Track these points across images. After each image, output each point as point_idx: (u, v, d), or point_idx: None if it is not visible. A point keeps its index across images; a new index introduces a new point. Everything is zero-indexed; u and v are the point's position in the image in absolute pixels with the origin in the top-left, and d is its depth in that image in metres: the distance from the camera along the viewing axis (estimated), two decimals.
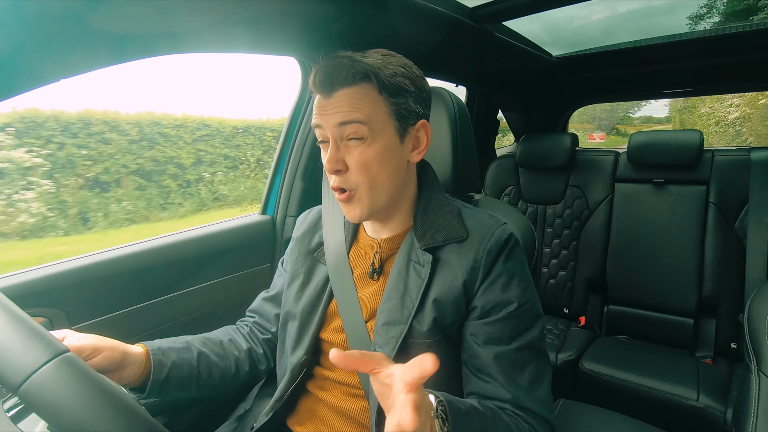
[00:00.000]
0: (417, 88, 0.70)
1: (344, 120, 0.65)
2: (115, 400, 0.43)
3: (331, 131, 0.66)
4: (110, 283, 0.96)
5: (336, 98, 0.66)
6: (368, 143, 0.66)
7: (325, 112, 0.66)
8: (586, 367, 1.55)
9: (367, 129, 0.65)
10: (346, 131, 0.65)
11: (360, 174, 0.66)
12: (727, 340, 1.60)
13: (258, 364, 0.86)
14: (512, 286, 0.67)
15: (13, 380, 0.42)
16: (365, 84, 0.66)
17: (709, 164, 1.70)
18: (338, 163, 0.66)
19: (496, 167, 2.14)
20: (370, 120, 0.65)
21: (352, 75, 0.64)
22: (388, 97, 0.67)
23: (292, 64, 1.23)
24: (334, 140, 0.66)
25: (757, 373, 0.68)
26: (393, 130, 0.68)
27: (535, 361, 0.65)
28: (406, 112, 0.69)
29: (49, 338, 0.46)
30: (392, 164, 0.69)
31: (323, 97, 0.67)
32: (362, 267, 0.77)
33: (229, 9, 0.82)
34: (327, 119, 0.66)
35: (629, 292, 1.80)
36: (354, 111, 0.65)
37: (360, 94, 0.65)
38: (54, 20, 0.62)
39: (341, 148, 0.67)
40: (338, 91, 0.65)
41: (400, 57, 0.71)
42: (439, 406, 0.52)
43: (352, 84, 0.65)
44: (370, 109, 0.65)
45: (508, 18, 1.36)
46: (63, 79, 0.69)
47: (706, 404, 1.31)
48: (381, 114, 0.66)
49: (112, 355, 0.63)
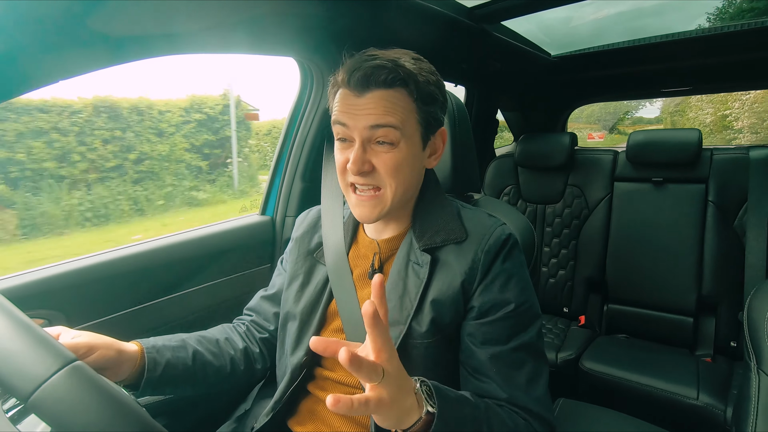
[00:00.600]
0: (443, 98, 0.71)
1: (378, 123, 0.64)
2: (124, 409, 0.44)
3: (359, 132, 0.65)
4: (110, 285, 0.95)
5: (369, 98, 0.64)
6: (398, 148, 0.65)
7: (354, 111, 0.65)
8: (586, 367, 1.55)
9: (399, 134, 0.65)
10: (377, 134, 0.65)
11: (390, 177, 0.66)
12: (727, 338, 1.60)
13: (254, 363, 0.86)
14: (510, 287, 0.67)
15: (23, 390, 0.42)
16: (401, 89, 0.65)
17: (708, 163, 1.70)
18: (365, 164, 0.65)
19: (495, 167, 2.14)
20: (402, 125, 0.65)
21: (392, 79, 0.64)
22: (421, 105, 0.67)
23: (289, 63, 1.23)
24: (361, 142, 0.65)
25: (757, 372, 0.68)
26: (419, 136, 0.68)
27: (532, 361, 0.65)
28: (433, 120, 0.69)
29: (57, 347, 0.46)
30: (417, 169, 0.70)
31: (354, 95, 0.65)
32: (362, 267, 0.77)
33: (228, 10, 0.82)
34: (357, 120, 0.65)
35: (629, 291, 1.80)
36: (388, 115, 0.64)
37: (395, 98, 0.65)
38: (53, 22, 0.62)
39: (368, 149, 0.66)
40: (372, 91, 0.64)
41: (427, 62, 0.71)
42: (423, 386, 0.54)
43: (388, 87, 0.64)
44: (403, 114, 0.65)
45: (507, 18, 1.36)
46: (62, 81, 0.69)
47: (706, 403, 1.31)
48: (412, 120, 0.67)
49: (107, 353, 0.63)
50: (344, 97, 0.67)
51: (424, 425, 0.52)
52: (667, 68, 1.97)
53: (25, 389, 0.42)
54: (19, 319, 0.48)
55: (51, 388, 0.42)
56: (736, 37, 1.58)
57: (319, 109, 1.25)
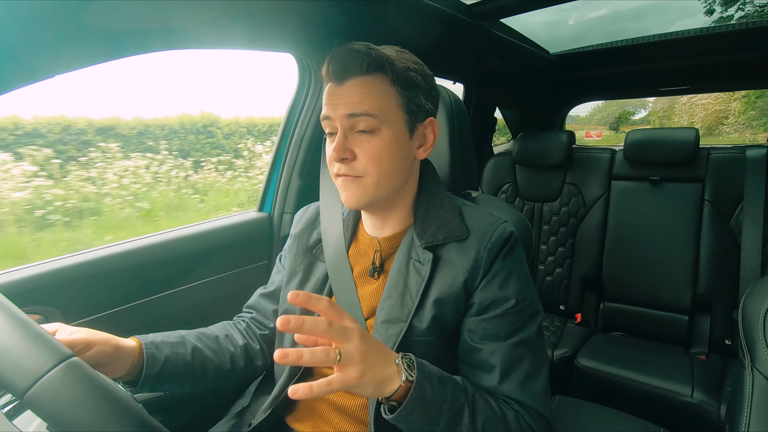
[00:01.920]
0: (428, 85, 0.71)
1: (354, 112, 0.64)
2: (121, 406, 0.44)
3: (340, 121, 0.66)
4: (106, 281, 0.95)
5: (347, 87, 0.65)
6: (379, 135, 0.66)
7: (335, 101, 0.66)
8: (582, 364, 1.55)
9: (377, 121, 0.65)
10: (357, 124, 0.65)
11: (370, 164, 0.66)
12: (722, 336, 1.61)
13: (254, 360, 0.85)
14: (510, 283, 0.67)
15: (19, 386, 0.42)
16: (378, 74, 0.65)
17: (704, 162, 1.71)
18: (345, 151, 0.66)
19: (493, 165, 2.14)
20: (380, 112, 0.65)
21: (367, 64, 0.64)
22: (401, 90, 0.67)
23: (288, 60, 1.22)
24: (342, 130, 0.66)
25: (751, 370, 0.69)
26: (403, 123, 0.68)
27: (531, 357, 0.66)
28: (416, 107, 0.69)
29: (54, 343, 0.46)
30: (400, 157, 0.69)
31: (335, 84, 0.66)
32: (362, 265, 0.77)
33: (226, 5, 0.81)
34: (336, 109, 0.65)
35: (625, 289, 1.81)
36: (364, 102, 0.64)
37: (372, 84, 0.65)
38: (49, 16, 0.62)
39: (349, 138, 0.66)
40: (350, 79, 0.65)
41: (411, 54, 0.71)
42: (405, 358, 0.56)
43: (365, 73, 0.65)
44: (381, 100, 0.65)
45: (505, 15, 1.36)
46: (58, 75, 0.69)
47: (700, 400, 1.32)
48: (392, 106, 0.66)
49: (105, 348, 0.63)
50: (328, 91, 0.68)
51: (404, 392, 0.54)
52: (666, 67, 1.97)
53: (21, 385, 0.42)
54: (15, 315, 0.48)
55: (47, 385, 0.42)
56: (734, 36, 1.58)
57: (317, 106, 1.25)
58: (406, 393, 0.54)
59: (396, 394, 0.54)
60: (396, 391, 0.54)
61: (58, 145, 3.20)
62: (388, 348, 0.57)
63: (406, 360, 0.56)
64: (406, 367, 0.55)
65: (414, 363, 0.56)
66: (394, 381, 0.54)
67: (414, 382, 0.54)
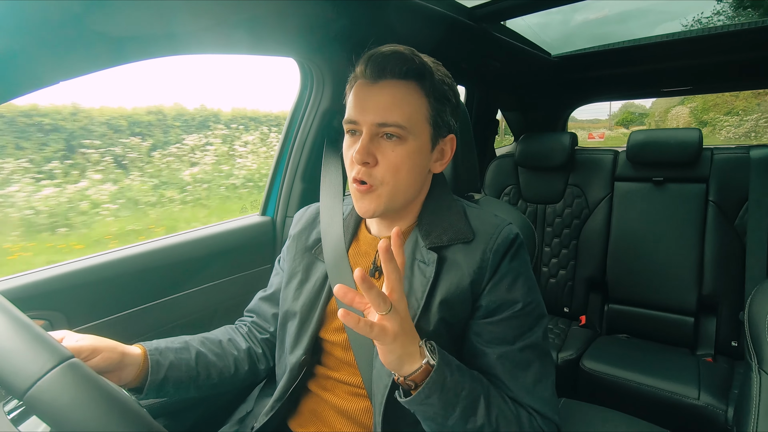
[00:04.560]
0: (456, 101, 0.71)
1: (385, 121, 0.64)
2: (120, 406, 0.43)
3: (368, 126, 0.65)
4: (110, 285, 0.95)
5: (380, 88, 0.65)
6: (404, 145, 0.65)
7: (364, 103, 0.65)
8: (587, 366, 1.55)
9: (405, 132, 0.65)
10: (385, 128, 0.65)
11: (388, 173, 0.66)
12: (728, 338, 1.60)
13: (257, 363, 0.85)
14: (517, 286, 0.67)
15: (18, 386, 0.42)
16: (415, 82, 0.66)
17: (708, 162, 1.70)
18: (369, 156, 0.65)
19: (495, 167, 2.14)
20: (410, 123, 0.65)
21: (407, 69, 0.64)
22: (433, 102, 0.67)
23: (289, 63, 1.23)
24: (368, 134, 0.65)
25: (758, 371, 0.68)
26: (428, 136, 0.68)
27: (538, 361, 0.65)
28: (442, 121, 0.69)
29: (54, 344, 0.46)
30: (418, 169, 0.69)
31: (367, 83, 0.66)
32: (362, 265, 0.76)
33: (228, 10, 0.82)
34: (365, 114, 0.65)
35: (629, 290, 1.80)
36: (395, 111, 0.64)
37: (406, 91, 0.65)
38: (53, 22, 0.62)
39: (374, 140, 0.66)
40: (386, 80, 0.65)
41: (444, 68, 0.71)
42: (428, 344, 0.58)
43: (403, 78, 0.65)
44: (411, 109, 0.65)
45: (507, 17, 1.36)
46: (62, 81, 0.69)
47: (707, 403, 1.31)
48: (421, 117, 0.67)
49: (111, 355, 0.63)
50: (358, 89, 0.67)
51: (423, 374, 0.56)
52: (667, 68, 1.97)
53: (21, 386, 0.42)
54: (16, 316, 0.48)
55: (47, 385, 0.42)
56: (736, 36, 1.58)
57: (320, 110, 1.25)
58: (425, 376, 0.55)
59: (415, 374, 0.55)
60: (416, 371, 0.55)
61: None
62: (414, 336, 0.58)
63: (428, 345, 0.58)
64: (429, 350, 0.57)
65: (435, 348, 0.58)
66: (415, 360, 0.56)
67: (435, 365, 0.55)
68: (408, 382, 0.57)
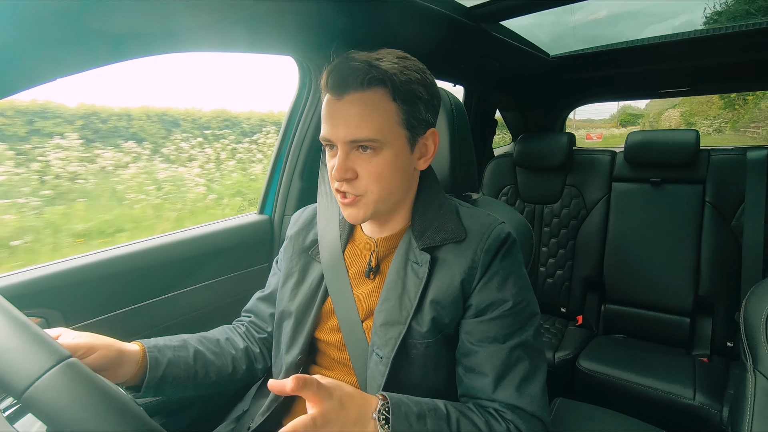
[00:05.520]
0: (430, 96, 0.69)
1: (355, 138, 0.63)
2: (118, 406, 0.43)
3: (341, 143, 0.65)
4: (107, 283, 0.95)
5: (347, 102, 0.64)
6: (380, 154, 0.65)
7: (334, 119, 0.65)
8: (584, 366, 1.55)
9: (378, 144, 0.64)
10: (357, 142, 0.64)
11: (372, 183, 0.66)
12: (724, 338, 1.61)
13: (255, 363, 0.85)
14: (508, 285, 0.67)
15: (17, 386, 0.42)
16: (378, 89, 0.64)
17: (705, 163, 1.71)
18: (348, 171, 0.65)
19: (493, 167, 2.14)
20: (381, 134, 0.64)
21: (368, 80, 0.63)
22: (402, 105, 0.65)
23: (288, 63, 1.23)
24: (343, 150, 0.65)
25: (753, 372, 0.69)
26: (404, 140, 0.67)
27: (528, 359, 0.65)
28: (417, 121, 0.68)
29: (52, 343, 0.46)
30: (401, 172, 0.68)
31: (335, 98, 0.65)
32: (358, 266, 0.77)
33: (227, 8, 0.81)
34: (337, 131, 0.64)
35: (626, 291, 1.80)
36: (364, 125, 0.63)
37: (372, 101, 0.64)
38: (51, 19, 0.62)
39: (351, 156, 0.65)
40: (350, 94, 0.64)
41: (415, 61, 0.69)
42: (383, 409, 0.56)
43: (365, 88, 0.63)
44: (382, 120, 0.64)
45: (506, 17, 1.36)
46: (59, 78, 0.69)
47: (702, 402, 1.32)
48: (393, 124, 0.65)
49: (108, 353, 0.63)
50: (327, 104, 0.66)
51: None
52: (666, 69, 1.97)
53: (19, 385, 0.42)
54: (14, 315, 0.47)
55: (45, 385, 0.42)
56: (734, 38, 1.58)
57: (318, 108, 1.25)
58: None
59: None
60: None
61: None
62: (368, 399, 0.57)
63: (383, 411, 0.56)
64: (383, 421, 0.55)
65: (390, 411, 0.56)
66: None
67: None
68: None
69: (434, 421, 0.58)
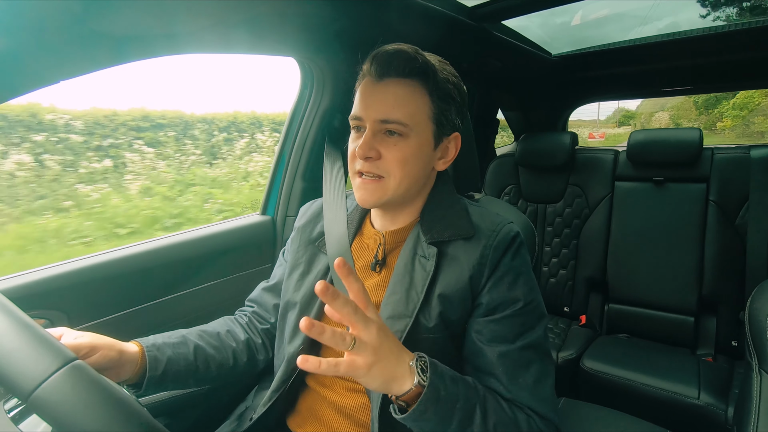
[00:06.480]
0: (461, 100, 0.72)
1: (386, 118, 0.65)
2: (123, 407, 0.44)
3: (371, 122, 0.67)
4: (111, 285, 0.96)
5: (384, 86, 0.66)
6: (406, 140, 0.67)
7: (368, 100, 0.67)
8: (587, 366, 1.55)
9: (407, 129, 0.66)
10: (387, 125, 0.66)
11: (394, 166, 0.67)
12: (728, 337, 1.60)
13: (256, 354, 0.86)
14: (519, 285, 0.67)
15: (23, 388, 0.42)
16: (418, 81, 0.66)
17: (708, 162, 1.70)
18: (371, 150, 0.66)
19: (495, 166, 2.14)
20: (412, 120, 0.66)
21: (411, 68, 0.65)
22: (436, 101, 0.68)
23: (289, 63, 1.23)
24: (371, 129, 0.67)
25: (759, 371, 0.68)
26: (430, 134, 0.69)
27: (539, 361, 0.65)
28: (446, 120, 0.70)
29: (58, 346, 0.46)
30: (422, 164, 0.70)
31: (372, 81, 0.67)
32: (364, 259, 0.77)
33: (228, 10, 0.82)
34: (368, 111, 0.66)
35: (630, 290, 1.80)
36: (398, 108, 0.65)
37: (410, 90, 0.66)
38: (53, 22, 0.62)
39: (377, 137, 0.67)
40: (390, 79, 0.66)
41: (452, 67, 0.72)
42: (420, 361, 0.56)
43: (406, 76, 0.66)
44: (415, 108, 0.66)
45: (507, 17, 1.36)
46: (62, 81, 0.69)
47: (707, 402, 1.31)
48: (424, 115, 0.67)
49: (109, 353, 0.63)
50: (364, 87, 0.69)
51: (416, 393, 0.55)
52: (668, 68, 1.97)
53: (25, 388, 0.42)
54: (20, 318, 0.48)
55: (51, 387, 0.42)
56: (736, 36, 1.57)
57: (320, 109, 1.25)
58: (417, 395, 0.54)
59: (407, 395, 0.55)
60: (407, 392, 0.55)
61: None
62: (405, 348, 0.57)
63: (420, 363, 0.56)
64: (419, 371, 0.55)
65: (428, 364, 0.57)
66: (404, 381, 0.54)
67: (427, 384, 0.55)
68: (400, 402, 0.56)
69: (465, 387, 0.59)
